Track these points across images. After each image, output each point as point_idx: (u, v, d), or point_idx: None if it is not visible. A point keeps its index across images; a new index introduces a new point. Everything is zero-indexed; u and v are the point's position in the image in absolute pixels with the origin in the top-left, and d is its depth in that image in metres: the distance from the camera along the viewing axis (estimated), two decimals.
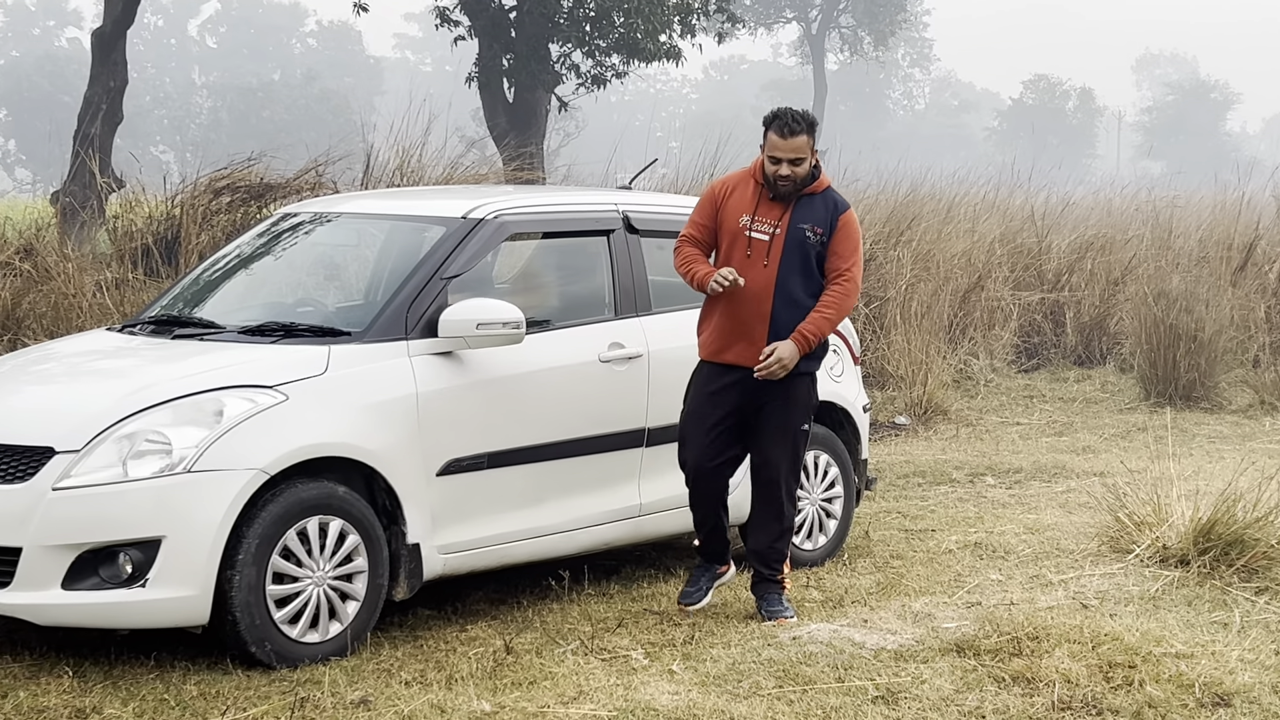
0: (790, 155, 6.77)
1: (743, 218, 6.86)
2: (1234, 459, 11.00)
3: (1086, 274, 17.51)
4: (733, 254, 6.87)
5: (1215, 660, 6.32)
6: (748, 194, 6.91)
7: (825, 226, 6.86)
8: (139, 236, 14.44)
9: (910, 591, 7.57)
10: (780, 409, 6.90)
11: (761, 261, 6.80)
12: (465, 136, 25.12)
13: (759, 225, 6.84)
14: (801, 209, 6.85)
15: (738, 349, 6.85)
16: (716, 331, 6.91)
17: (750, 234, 6.83)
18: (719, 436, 6.93)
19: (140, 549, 5.99)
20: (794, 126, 6.79)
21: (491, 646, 6.56)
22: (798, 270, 6.82)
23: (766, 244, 6.80)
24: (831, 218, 6.88)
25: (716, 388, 6.92)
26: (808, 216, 6.85)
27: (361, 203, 8.51)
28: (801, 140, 6.77)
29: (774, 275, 6.79)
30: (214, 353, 6.76)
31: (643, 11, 24.73)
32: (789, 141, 6.77)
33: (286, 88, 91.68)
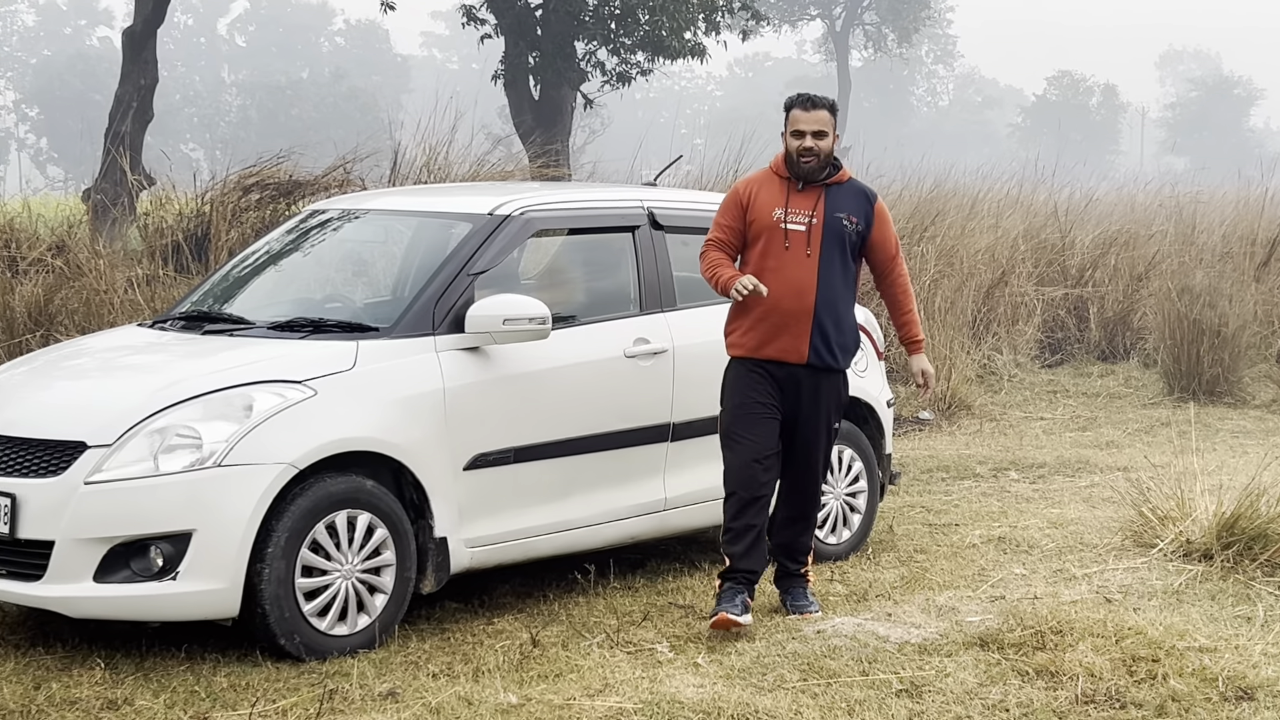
0: (814, 127, 6.69)
1: (776, 211, 6.75)
2: (1257, 453, 10.96)
3: (1110, 269, 17.45)
4: (770, 247, 6.74)
5: (1239, 654, 6.30)
6: (775, 189, 6.82)
7: (861, 216, 6.83)
8: (169, 233, 14.49)
9: (934, 585, 7.56)
10: (816, 405, 6.83)
11: (804, 251, 6.70)
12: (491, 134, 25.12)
13: (794, 216, 6.73)
14: (834, 198, 6.79)
15: (780, 343, 6.73)
16: (755, 327, 6.77)
17: (786, 226, 6.72)
18: (768, 433, 6.78)
19: (171, 542, 6.02)
20: (816, 100, 6.78)
21: (518, 639, 6.57)
22: (837, 260, 6.76)
23: (805, 234, 6.71)
24: (867, 208, 6.86)
25: (761, 385, 6.78)
26: (842, 206, 6.79)
27: (389, 199, 8.53)
28: (824, 114, 6.73)
29: (816, 265, 6.71)
30: (243, 348, 6.78)
31: (667, 9, 24.73)
32: (812, 114, 6.71)
33: (315, 86, 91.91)
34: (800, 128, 6.71)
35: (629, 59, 26.40)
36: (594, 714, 5.63)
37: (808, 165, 6.72)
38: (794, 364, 6.75)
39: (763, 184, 6.87)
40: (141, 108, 21.43)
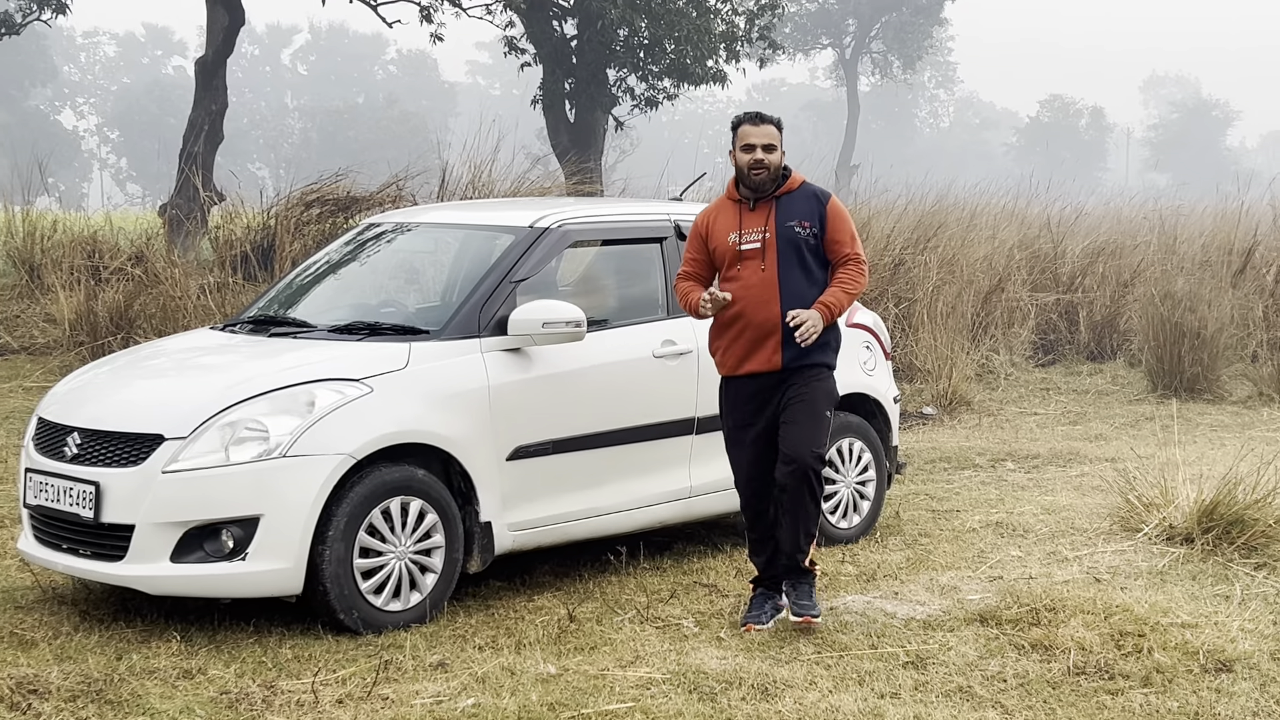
0: (764, 140, 6.33)
1: (730, 235, 6.39)
2: (1234, 446, 10.89)
3: (1098, 277, 17.37)
4: (730, 270, 6.40)
5: (1218, 630, 6.26)
6: (729, 214, 6.46)
7: (813, 219, 6.38)
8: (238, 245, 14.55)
9: (937, 566, 7.53)
10: (805, 397, 6.35)
11: (759, 267, 6.33)
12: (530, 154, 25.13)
13: (747, 236, 6.37)
14: (783, 209, 6.39)
15: (757, 357, 6.38)
16: (733, 345, 6.44)
17: (741, 247, 6.36)
18: (765, 446, 6.45)
19: (241, 526, 6.04)
20: (764, 117, 6.45)
21: (556, 615, 6.57)
22: (796, 266, 6.34)
23: (759, 249, 6.34)
24: (820, 209, 6.41)
25: (748, 401, 6.45)
26: (792, 214, 6.38)
27: (438, 213, 8.54)
28: (771, 129, 6.39)
29: (774, 276, 6.31)
30: (306, 349, 6.79)
31: (691, 39, 24.72)
32: (761, 128, 6.37)
33: (370, 110, 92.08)
34: (751, 141, 6.35)
35: (656, 85, 26.38)
36: (626, 683, 5.62)
37: (759, 177, 6.34)
38: (772, 371, 6.39)
39: (718, 211, 6.53)
40: (212, 130, 21.51)
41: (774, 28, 27.89)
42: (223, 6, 21.59)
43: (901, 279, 15.74)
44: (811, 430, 6.34)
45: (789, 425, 6.35)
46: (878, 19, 69.35)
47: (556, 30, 26.22)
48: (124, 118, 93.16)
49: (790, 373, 6.38)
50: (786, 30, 63.26)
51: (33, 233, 15.44)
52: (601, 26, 24.69)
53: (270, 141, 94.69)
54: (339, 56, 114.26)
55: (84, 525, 6.21)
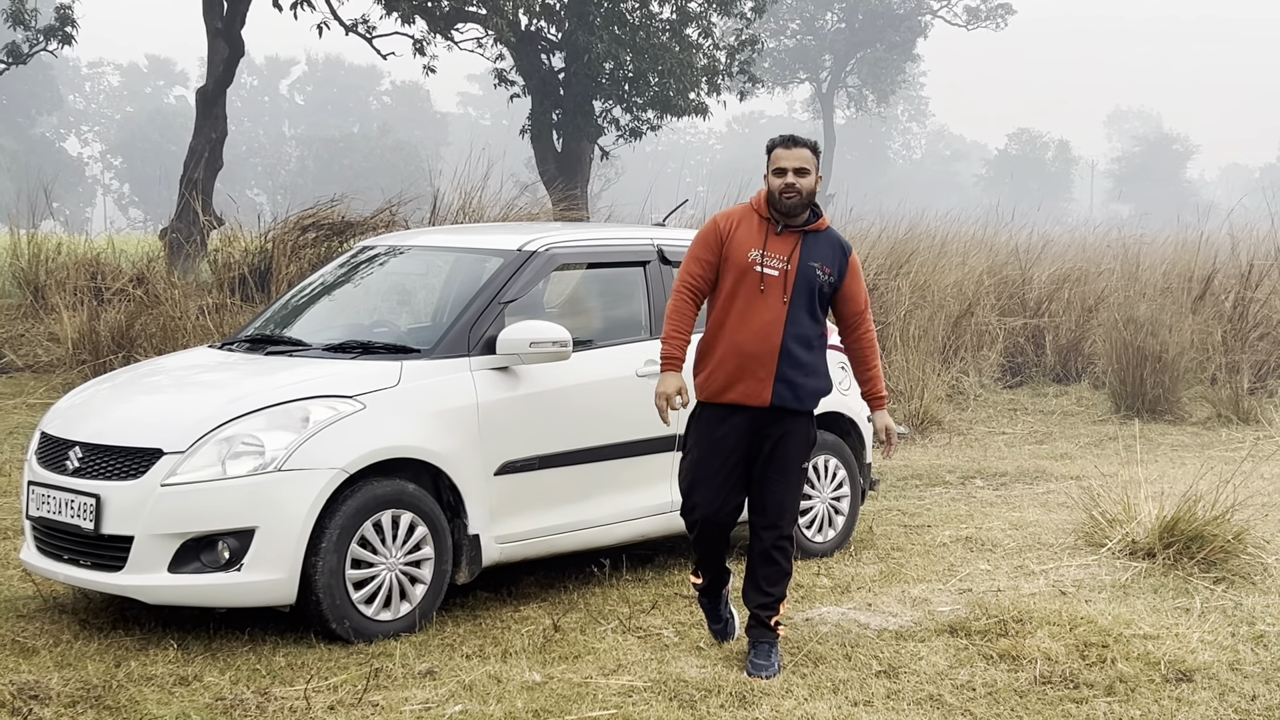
0: (796, 164, 5.93)
1: (752, 252, 5.95)
2: (1194, 465, 10.91)
3: (1064, 302, 17.41)
4: (741, 289, 5.96)
5: (1179, 641, 6.27)
6: (754, 228, 6.02)
7: (834, 267, 6.03)
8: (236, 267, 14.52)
9: (909, 579, 7.52)
10: (784, 449, 6.01)
11: (779, 297, 5.91)
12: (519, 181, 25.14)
13: (770, 260, 5.94)
14: (809, 246, 6.00)
15: (742, 388, 5.94)
16: (719, 370, 5.99)
17: (762, 269, 5.93)
18: (730, 482, 6.01)
19: (236, 538, 6.01)
20: (798, 140, 6.05)
21: (541, 625, 6.55)
22: (805, 308, 5.97)
23: (779, 279, 5.92)
24: (841, 260, 6.05)
25: (722, 431, 5.99)
26: (816, 255, 6.00)
27: (429, 237, 8.53)
28: (806, 152, 5.98)
29: (785, 311, 5.92)
30: (301, 367, 6.77)
31: (674, 73, 24.79)
32: (794, 151, 5.97)
33: (364, 139, 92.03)
34: (783, 165, 5.94)
35: (640, 116, 26.43)
36: (608, 691, 5.61)
37: (790, 201, 5.93)
38: (756, 407, 5.97)
39: (742, 220, 6.07)
40: (212, 158, 21.47)
41: (753, 62, 27.96)
42: (223, 39, 21.58)
43: (876, 304, 15.75)
44: (791, 484, 6.04)
45: (770, 480, 6.00)
46: (853, 55, 69.64)
47: (545, 63, 26.27)
48: (127, 145, 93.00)
49: (775, 413, 5.98)
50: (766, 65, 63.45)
51: (38, 255, 15.39)
52: (588, 60, 24.74)
53: (268, 168, 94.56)
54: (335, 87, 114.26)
55: (84, 536, 6.18)
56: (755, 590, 6.09)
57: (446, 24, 24.78)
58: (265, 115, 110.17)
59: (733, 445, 6.01)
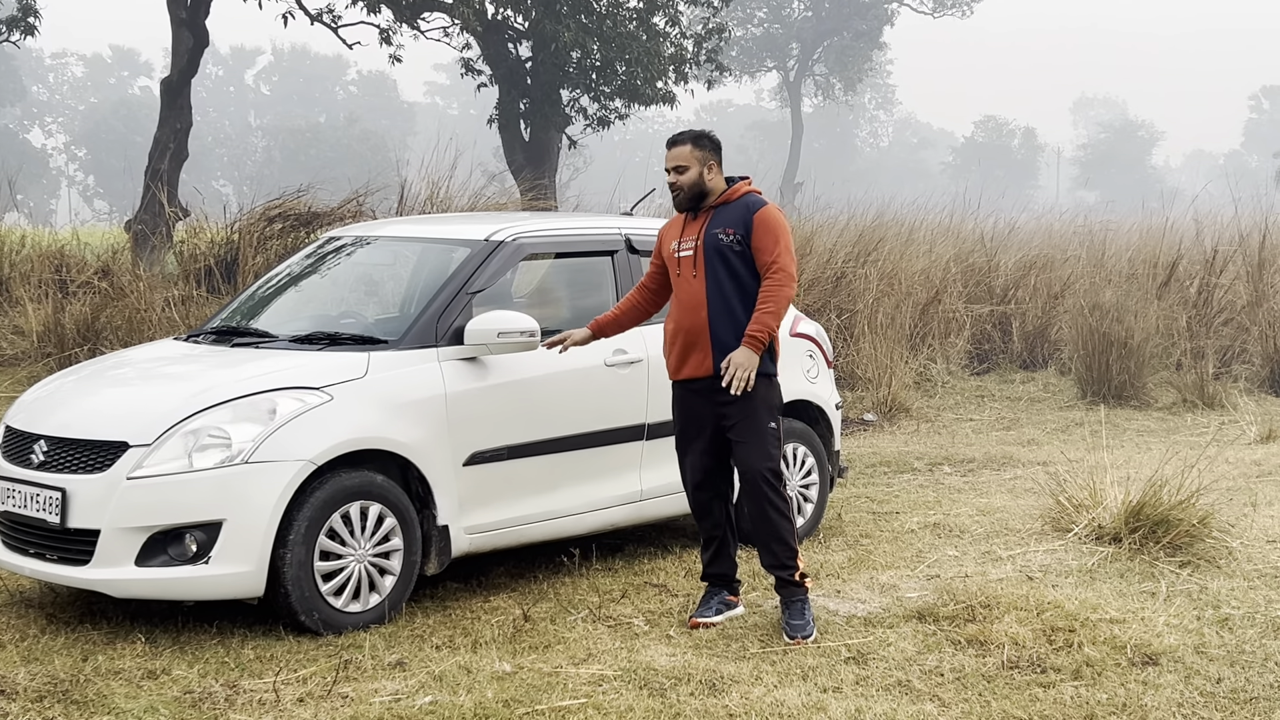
0: (673, 163, 6.37)
1: (672, 244, 6.52)
2: (1160, 450, 10.98)
3: (1030, 289, 17.49)
4: (671, 277, 6.54)
5: (1144, 625, 6.31)
6: (677, 224, 6.56)
7: (738, 227, 6.30)
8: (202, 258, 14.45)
9: (877, 566, 7.55)
10: (746, 414, 6.29)
11: (691, 274, 6.37)
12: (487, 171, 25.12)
13: (684, 244, 6.44)
14: (716, 218, 6.38)
15: (692, 361, 6.40)
16: (672, 350, 6.49)
17: (678, 255, 6.46)
18: (705, 450, 6.47)
19: (204, 530, 5.98)
20: (676, 138, 6.45)
21: (511, 615, 6.54)
22: (724, 274, 6.30)
23: (691, 258, 6.38)
24: (746, 218, 6.33)
25: (689, 403, 6.48)
26: (720, 222, 6.36)
27: (397, 227, 8.50)
28: (682, 150, 6.37)
29: (702, 284, 6.33)
30: (268, 359, 6.74)
31: (642, 61, 24.77)
32: (671, 151, 6.41)
33: (331, 129, 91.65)
34: (666, 165, 6.45)
35: (608, 105, 26.42)
36: (579, 680, 5.61)
37: (675, 197, 6.44)
38: (706, 376, 6.35)
39: (672, 223, 6.64)
40: (178, 148, 21.34)
41: (721, 51, 27.96)
42: (187, 29, 21.44)
43: (843, 291, 15.80)
44: (759, 445, 6.28)
45: (738, 444, 6.34)
46: (820, 43, 69.71)
47: (512, 52, 26.20)
48: (91, 136, 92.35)
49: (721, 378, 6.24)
50: (733, 53, 63.48)
51: (1, 248, 15.27)
52: (555, 49, 24.69)
53: (234, 159, 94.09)
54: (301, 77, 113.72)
55: (51, 530, 6.14)
56: (762, 549, 6.40)
57: (412, 13, 24.70)
58: (231, 105, 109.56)
59: (700, 413, 6.45)
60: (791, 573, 6.32)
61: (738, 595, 6.63)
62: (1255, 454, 11.16)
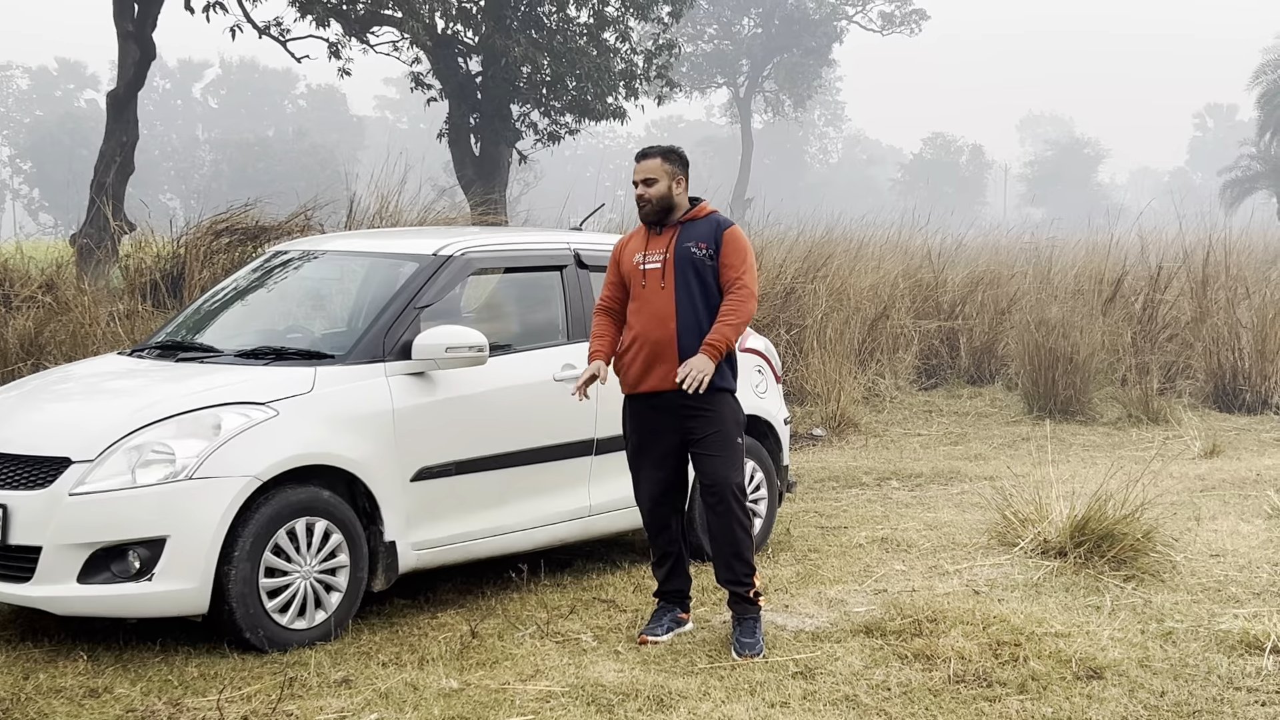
0: (642, 175, 6.42)
1: (635, 257, 6.48)
2: (1105, 464, 11.07)
3: (977, 305, 17.62)
4: (634, 289, 6.47)
5: (1089, 639, 6.35)
6: (639, 239, 6.54)
7: (710, 242, 6.38)
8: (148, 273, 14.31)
9: (826, 580, 7.57)
10: (714, 429, 6.35)
11: (658, 285, 6.36)
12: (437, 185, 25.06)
13: (650, 258, 6.43)
14: (685, 233, 6.42)
15: (656, 374, 6.36)
16: (633, 362, 6.43)
17: (644, 267, 6.43)
18: (664, 464, 6.45)
19: (147, 547, 5.93)
20: (646, 151, 6.51)
21: (459, 631, 6.52)
22: (695, 287, 6.35)
23: (659, 270, 6.38)
24: (716, 234, 6.41)
25: (649, 418, 6.44)
26: (691, 236, 6.41)
27: (344, 241, 8.47)
28: (652, 162, 6.43)
29: (671, 295, 6.34)
30: (213, 374, 6.69)
31: (592, 77, 24.82)
32: (641, 164, 6.46)
33: (280, 143, 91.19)
34: (635, 177, 6.49)
35: (558, 120, 26.43)
36: (526, 697, 5.59)
37: (643, 209, 6.45)
38: (671, 391, 6.33)
39: (631, 238, 6.62)
40: (124, 162, 21.16)
41: (671, 67, 28.03)
42: (134, 41, 21.28)
43: (792, 307, 15.85)
44: (729, 460, 6.35)
45: (708, 458, 6.35)
46: (770, 60, 70.01)
47: (462, 67, 26.16)
48: (36, 149, 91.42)
49: (687, 394, 6.27)
50: (683, 69, 63.65)
51: None
52: (505, 64, 24.69)
53: (181, 173, 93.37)
54: (249, 91, 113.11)
55: None
56: (721, 564, 6.40)
57: (362, 27, 24.62)
58: (178, 119, 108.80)
59: (662, 427, 6.42)
60: (748, 589, 6.34)
61: (688, 612, 6.63)
62: (1199, 469, 11.28)
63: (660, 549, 6.60)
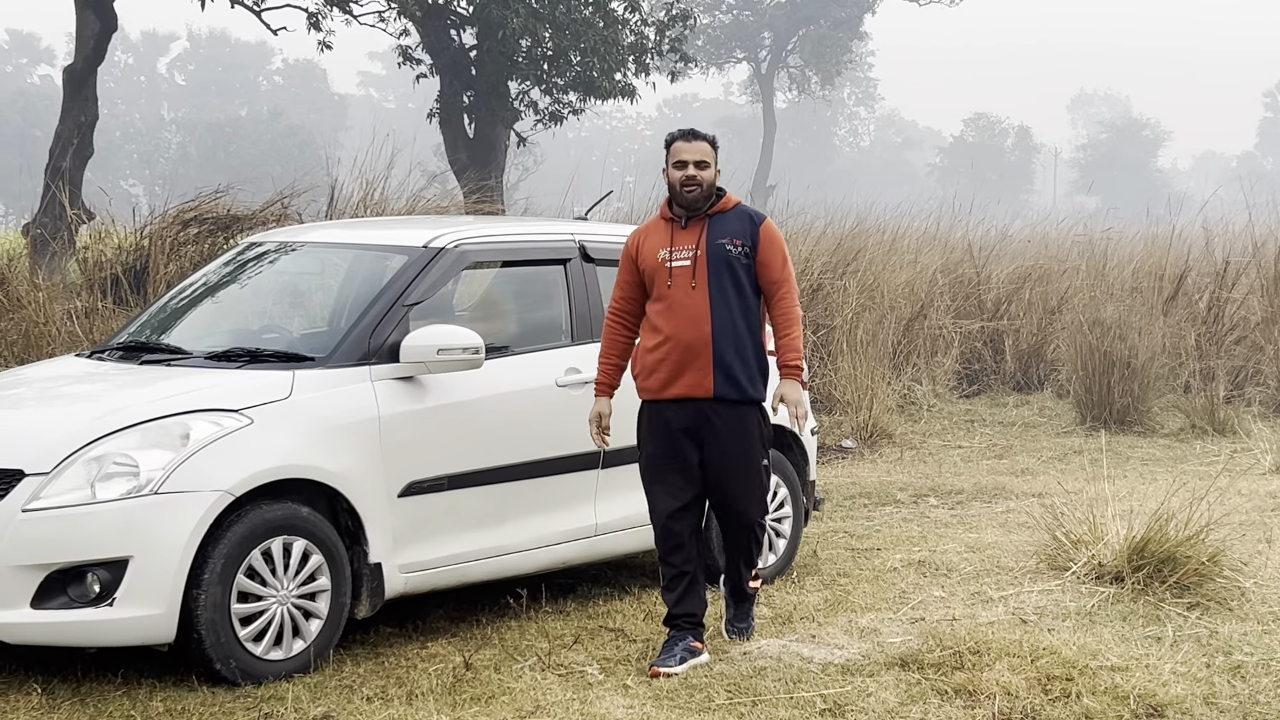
0: (696, 157, 6.50)
1: (660, 252, 6.53)
2: (1166, 480, 11.05)
3: (1024, 303, 17.61)
4: (658, 288, 6.53)
5: (1149, 673, 6.34)
6: (660, 232, 6.60)
7: (745, 239, 6.52)
8: (108, 266, 14.33)
9: (857, 608, 7.57)
10: (739, 445, 6.52)
11: (688, 285, 6.45)
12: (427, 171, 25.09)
13: (678, 254, 6.51)
14: (715, 227, 6.54)
15: (686, 380, 6.47)
16: (659, 368, 6.51)
17: (671, 265, 6.49)
18: (684, 477, 6.56)
19: (108, 569, 5.94)
20: (697, 133, 6.63)
21: (451, 663, 6.52)
22: (729, 286, 6.48)
23: (689, 268, 6.47)
24: (751, 230, 6.55)
25: (672, 426, 6.53)
26: (724, 232, 6.52)
27: (325, 232, 8.49)
28: (705, 145, 6.56)
29: (705, 295, 6.45)
30: (180, 378, 6.71)
31: (598, 51, 24.81)
32: (694, 144, 6.54)
33: (253, 123, 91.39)
34: (684, 157, 6.51)
35: (561, 99, 26.45)
36: None
37: (691, 194, 6.50)
38: (702, 399, 6.47)
39: (649, 231, 6.67)
40: (81, 144, 21.21)
41: (686, 40, 28.05)
42: (93, 11, 21.33)
43: (819, 305, 15.86)
44: (754, 485, 6.63)
45: (731, 480, 6.57)
46: (794, 32, 70.04)
47: (454, 40, 26.20)
48: None
49: (720, 403, 6.48)
50: (699, 43, 63.72)
51: None
52: (502, 36, 24.71)
53: (145, 156, 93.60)
54: (220, 66, 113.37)
55: None
56: (732, 569, 6.89)
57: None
58: (141, 97, 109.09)
59: (685, 438, 6.54)
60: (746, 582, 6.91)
61: (703, 641, 6.63)
62: (1270, 485, 11.26)
63: (673, 569, 6.64)
